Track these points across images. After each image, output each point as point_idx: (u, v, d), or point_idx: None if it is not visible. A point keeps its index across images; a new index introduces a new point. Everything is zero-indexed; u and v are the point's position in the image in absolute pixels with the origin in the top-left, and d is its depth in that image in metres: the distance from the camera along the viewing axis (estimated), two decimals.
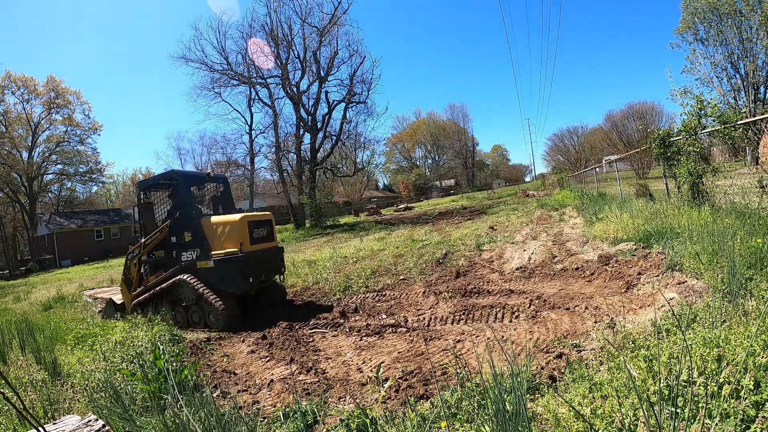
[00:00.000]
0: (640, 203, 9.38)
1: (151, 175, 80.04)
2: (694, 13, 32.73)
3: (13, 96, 48.27)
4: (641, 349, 2.87)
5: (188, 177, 7.30)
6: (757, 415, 1.82)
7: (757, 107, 29.86)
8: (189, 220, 6.73)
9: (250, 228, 6.42)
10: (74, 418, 2.07)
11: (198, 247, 6.56)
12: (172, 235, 6.88)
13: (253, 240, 6.45)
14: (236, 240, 6.24)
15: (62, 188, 55.22)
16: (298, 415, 2.95)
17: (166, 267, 6.99)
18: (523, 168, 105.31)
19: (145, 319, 6.32)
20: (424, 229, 17.13)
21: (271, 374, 4.20)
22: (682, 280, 4.41)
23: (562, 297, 5.21)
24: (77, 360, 5.06)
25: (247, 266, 6.24)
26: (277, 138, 35.37)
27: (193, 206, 6.97)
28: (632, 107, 47.63)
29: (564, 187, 29.42)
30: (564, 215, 14.04)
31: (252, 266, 6.32)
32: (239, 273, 6.19)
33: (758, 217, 4.99)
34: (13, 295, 16.03)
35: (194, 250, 6.60)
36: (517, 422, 1.96)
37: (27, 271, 35.87)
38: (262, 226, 6.75)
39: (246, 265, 6.22)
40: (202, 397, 2.75)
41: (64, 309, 10.09)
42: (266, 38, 33.91)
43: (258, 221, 6.65)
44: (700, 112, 7.13)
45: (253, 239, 6.43)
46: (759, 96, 31.09)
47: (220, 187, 7.75)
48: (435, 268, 8.48)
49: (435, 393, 3.13)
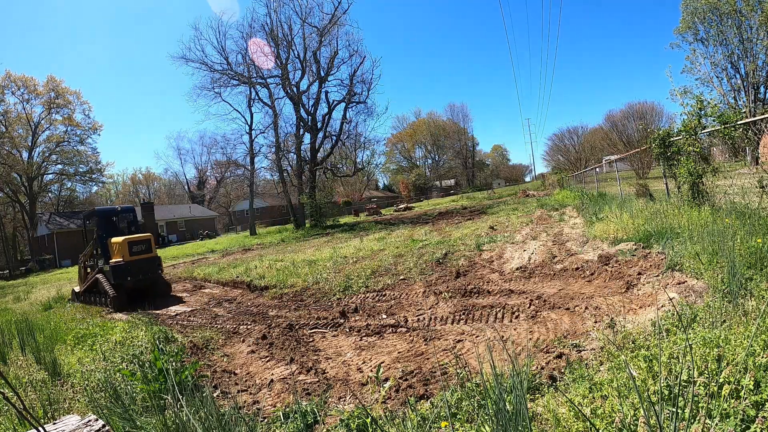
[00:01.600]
0: (640, 203, 9.38)
1: (150, 175, 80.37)
2: (694, 13, 32.73)
3: (13, 96, 48.34)
4: (641, 349, 2.87)
5: (103, 212, 10.64)
6: (757, 415, 1.82)
7: (757, 107, 29.86)
8: (101, 240, 10.01)
9: (130, 245, 9.42)
10: (74, 418, 2.07)
11: (105, 257, 9.86)
12: (95, 249, 10.34)
13: (132, 253, 9.44)
14: (120, 253, 9.40)
15: (62, 188, 55.25)
16: (298, 415, 2.95)
17: (93, 269, 10.42)
18: (523, 168, 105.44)
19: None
20: (424, 229, 17.12)
21: (271, 374, 4.20)
22: (682, 280, 4.41)
23: (562, 297, 5.20)
24: (77, 360, 5.06)
25: (126, 270, 9.30)
26: (277, 138, 35.38)
27: (104, 231, 10.11)
28: (632, 107, 47.67)
29: (564, 187, 29.43)
30: (564, 215, 14.04)
31: (130, 270, 9.35)
32: (122, 274, 9.25)
33: (758, 217, 4.99)
34: (13, 295, 16.03)
35: (102, 258, 9.94)
36: (517, 422, 1.96)
37: (27, 271, 35.86)
38: (141, 244, 9.71)
39: (125, 269, 9.29)
40: (202, 397, 2.75)
41: (64, 309, 10.10)
42: (266, 38, 33.94)
43: (136, 241, 9.66)
44: (700, 112, 7.13)
45: (132, 252, 9.44)
46: (759, 96, 31.09)
47: (129, 215, 10.97)
48: (435, 268, 8.48)
49: (435, 393, 3.13)
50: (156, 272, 9.99)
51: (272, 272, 10.82)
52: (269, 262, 12.93)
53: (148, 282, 9.91)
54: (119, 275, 9.19)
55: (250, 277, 10.59)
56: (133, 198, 75.91)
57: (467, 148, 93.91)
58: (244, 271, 11.75)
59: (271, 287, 9.13)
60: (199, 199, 67.61)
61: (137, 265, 9.49)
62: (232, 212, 71.35)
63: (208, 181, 73.34)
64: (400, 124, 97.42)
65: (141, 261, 9.58)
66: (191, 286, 11.63)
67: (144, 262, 9.64)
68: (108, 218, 10.45)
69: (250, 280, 10.22)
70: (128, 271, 9.32)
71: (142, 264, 9.59)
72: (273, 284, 9.32)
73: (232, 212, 71.35)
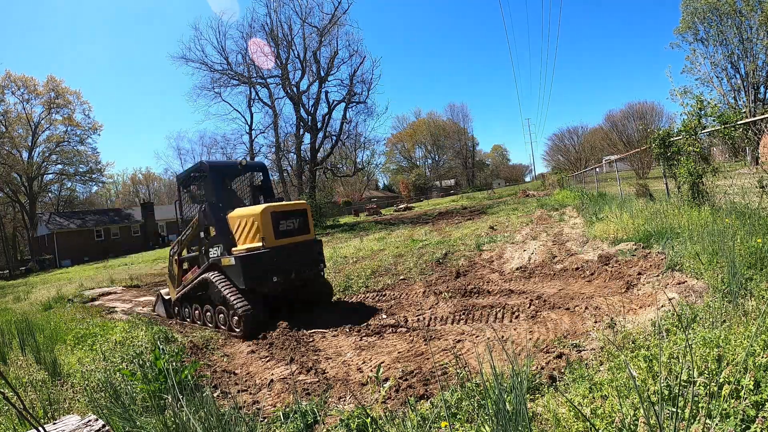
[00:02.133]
0: (640, 203, 9.38)
1: (150, 175, 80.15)
2: (694, 13, 32.74)
3: (13, 96, 48.32)
4: (641, 349, 2.87)
5: (216, 168, 6.81)
6: (757, 415, 1.82)
7: (757, 107, 29.86)
8: (215, 214, 6.25)
9: (275, 220, 5.81)
10: (74, 418, 2.07)
11: (223, 242, 6.09)
12: (201, 231, 6.57)
13: (279, 233, 5.83)
14: (259, 234, 5.72)
15: (62, 188, 55.24)
16: (298, 415, 2.95)
17: (199, 263, 6.69)
18: (523, 168, 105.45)
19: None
20: (424, 229, 17.12)
21: (271, 374, 4.20)
22: (682, 280, 4.41)
23: (562, 297, 5.20)
24: (77, 360, 5.06)
25: (271, 263, 5.69)
26: (277, 138, 35.40)
27: (220, 199, 6.43)
28: (632, 107, 47.70)
29: (564, 187, 29.42)
30: (564, 215, 14.04)
31: (277, 263, 5.74)
32: (261, 270, 5.65)
33: (758, 217, 4.99)
34: (13, 295, 16.03)
35: (219, 246, 6.16)
36: (517, 422, 1.96)
37: (27, 271, 35.87)
38: (292, 218, 6.07)
39: (269, 262, 5.68)
40: (203, 397, 2.75)
41: (64, 309, 10.09)
42: (266, 38, 33.94)
43: (286, 212, 6.05)
44: (700, 112, 7.13)
45: (278, 233, 5.81)
46: (759, 96, 31.10)
47: (258, 176, 7.35)
48: (435, 268, 8.48)
49: (435, 393, 3.13)
50: (318, 266, 6.52)
51: None
52: None
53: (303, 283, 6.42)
54: (256, 272, 5.67)
55: None
56: (133, 198, 75.93)
57: (467, 148, 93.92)
58: None
59: None
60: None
61: (286, 253, 5.90)
62: None
63: None
64: (400, 124, 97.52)
65: (293, 247, 6.03)
66: None
67: (298, 248, 6.12)
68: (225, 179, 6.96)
69: None
70: (272, 264, 5.75)
71: (294, 252, 6.01)
72: None
73: None
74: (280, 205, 6.13)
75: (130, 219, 46.48)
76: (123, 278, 15.54)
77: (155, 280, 14.43)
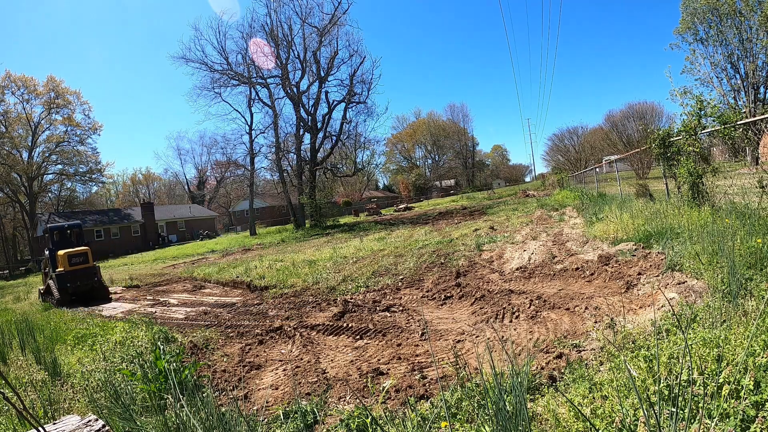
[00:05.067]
0: (640, 203, 9.38)
1: (150, 175, 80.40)
2: (693, 14, 32.74)
3: (13, 96, 48.36)
4: (641, 349, 2.87)
5: (52, 228, 12.22)
6: (757, 415, 1.82)
7: (757, 107, 29.87)
8: (51, 252, 11.70)
9: (69, 257, 11.12)
10: (74, 418, 2.07)
11: (53, 266, 11.47)
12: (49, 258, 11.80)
13: (71, 263, 11.15)
14: (62, 264, 11.15)
15: (62, 188, 55.27)
16: (298, 415, 2.96)
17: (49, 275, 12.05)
18: (523, 168, 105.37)
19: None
20: (424, 229, 17.13)
21: (272, 374, 4.20)
22: (682, 280, 4.41)
23: (562, 297, 5.20)
24: (77, 360, 5.06)
25: (66, 278, 11.00)
26: (277, 138, 35.39)
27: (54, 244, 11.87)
28: (632, 107, 47.69)
29: (564, 187, 29.44)
30: (564, 215, 14.04)
31: (69, 278, 11.03)
32: (62, 281, 10.98)
33: (758, 217, 4.99)
34: (13, 295, 16.03)
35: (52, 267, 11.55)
36: (517, 422, 1.96)
37: (27, 271, 35.86)
38: (79, 256, 11.36)
39: (65, 278, 11.00)
40: (203, 397, 2.75)
41: (61, 309, 10.10)
42: (266, 38, 33.96)
43: (75, 254, 11.31)
44: (700, 112, 7.13)
45: (71, 263, 11.14)
46: (759, 96, 31.09)
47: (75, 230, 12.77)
48: (435, 268, 8.48)
49: (435, 393, 3.13)
50: (92, 279, 11.51)
51: (272, 272, 10.82)
52: (269, 262, 12.93)
53: (87, 287, 11.48)
54: (61, 282, 10.99)
55: (250, 277, 10.60)
56: (133, 198, 75.88)
57: (467, 148, 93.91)
58: (244, 271, 11.76)
59: (271, 287, 9.13)
60: (199, 199, 67.60)
61: (74, 274, 11.21)
62: (232, 212, 71.36)
63: (208, 181, 73.36)
64: (400, 124, 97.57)
65: (79, 270, 11.32)
66: (191, 286, 11.63)
67: (81, 271, 11.34)
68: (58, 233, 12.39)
69: (250, 280, 10.22)
70: (67, 279, 11.07)
71: (78, 273, 11.30)
72: (273, 284, 9.32)
73: (232, 212, 71.36)
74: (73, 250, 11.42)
75: (130, 219, 46.47)
76: (123, 278, 15.54)
77: (155, 280, 14.44)
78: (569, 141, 61.47)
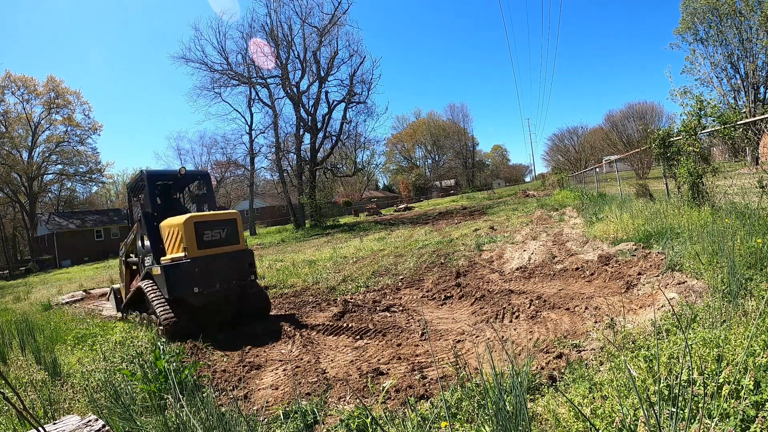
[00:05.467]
0: (640, 203, 9.38)
1: None
2: (693, 14, 32.74)
3: (13, 96, 48.32)
4: (641, 349, 2.87)
5: (154, 177, 6.73)
6: (757, 415, 1.82)
7: (757, 107, 29.87)
8: (148, 224, 6.26)
9: (199, 230, 5.58)
10: (74, 418, 2.07)
11: (153, 251, 6.12)
12: (139, 239, 6.84)
13: (203, 244, 5.60)
14: (182, 244, 5.55)
15: (62, 188, 55.24)
16: (298, 415, 2.95)
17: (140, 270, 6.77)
18: (523, 168, 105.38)
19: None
20: (424, 229, 17.13)
21: (271, 374, 4.20)
22: (682, 280, 4.41)
23: (562, 297, 5.20)
24: (77, 360, 5.06)
25: (193, 273, 5.44)
26: (277, 138, 35.40)
27: (155, 208, 6.40)
28: (632, 107, 47.71)
29: (564, 187, 29.44)
30: (564, 215, 14.04)
31: (199, 274, 5.49)
32: (182, 281, 5.43)
33: (758, 217, 4.99)
34: (13, 295, 16.03)
35: (150, 254, 6.22)
36: (517, 422, 1.96)
37: (27, 271, 35.86)
38: (219, 227, 5.78)
39: (191, 273, 5.43)
40: (203, 397, 2.75)
41: (63, 309, 10.10)
42: (266, 38, 33.96)
43: (211, 222, 5.75)
44: (700, 112, 7.13)
45: (202, 243, 5.59)
46: (759, 96, 31.09)
47: (202, 185, 7.28)
48: (435, 268, 8.48)
49: (435, 393, 3.13)
50: (246, 278, 6.03)
51: (272, 272, 10.82)
52: (269, 262, 12.93)
53: (232, 295, 6.02)
54: (179, 283, 5.47)
55: None
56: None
57: (467, 148, 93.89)
58: None
59: (271, 287, 9.13)
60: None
61: (209, 264, 5.64)
62: None
63: None
64: (400, 124, 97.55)
65: (220, 258, 5.74)
66: None
67: (225, 260, 5.82)
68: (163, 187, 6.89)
69: None
70: (194, 275, 5.49)
71: (218, 263, 5.72)
72: (273, 284, 9.32)
73: None
74: (205, 215, 5.87)
75: (129, 219, 46.40)
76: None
77: None
78: (569, 141, 61.50)
